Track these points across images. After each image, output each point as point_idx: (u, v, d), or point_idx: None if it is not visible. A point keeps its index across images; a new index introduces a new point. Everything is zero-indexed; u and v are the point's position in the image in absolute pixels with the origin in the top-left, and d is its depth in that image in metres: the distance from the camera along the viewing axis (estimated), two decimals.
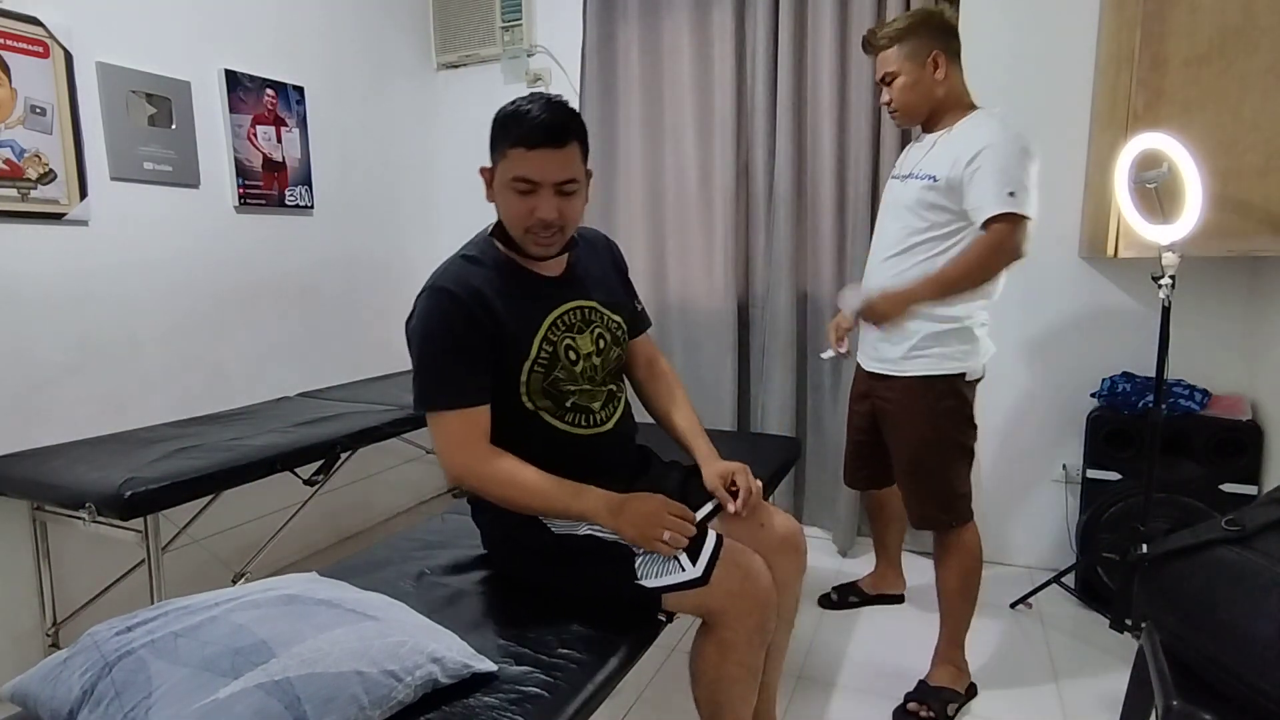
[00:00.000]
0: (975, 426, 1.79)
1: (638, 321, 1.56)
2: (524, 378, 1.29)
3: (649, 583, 1.22)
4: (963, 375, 1.73)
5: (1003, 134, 1.60)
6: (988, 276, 1.63)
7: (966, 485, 1.77)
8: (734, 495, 1.39)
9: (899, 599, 2.32)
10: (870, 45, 1.76)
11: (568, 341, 1.33)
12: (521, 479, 1.25)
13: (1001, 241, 1.57)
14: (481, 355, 1.25)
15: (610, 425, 1.40)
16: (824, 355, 1.91)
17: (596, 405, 1.38)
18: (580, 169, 1.27)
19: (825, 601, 2.33)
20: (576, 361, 1.34)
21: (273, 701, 0.84)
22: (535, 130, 1.20)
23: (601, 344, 1.39)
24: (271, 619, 0.98)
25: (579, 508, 1.24)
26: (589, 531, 1.28)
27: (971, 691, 1.84)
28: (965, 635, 1.84)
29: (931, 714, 1.74)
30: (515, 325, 1.28)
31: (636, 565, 1.24)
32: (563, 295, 1.36)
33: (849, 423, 2.10)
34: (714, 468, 1.44)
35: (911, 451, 1.78)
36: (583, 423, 1.36)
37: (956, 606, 1.81)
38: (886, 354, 1.79)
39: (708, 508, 1.42)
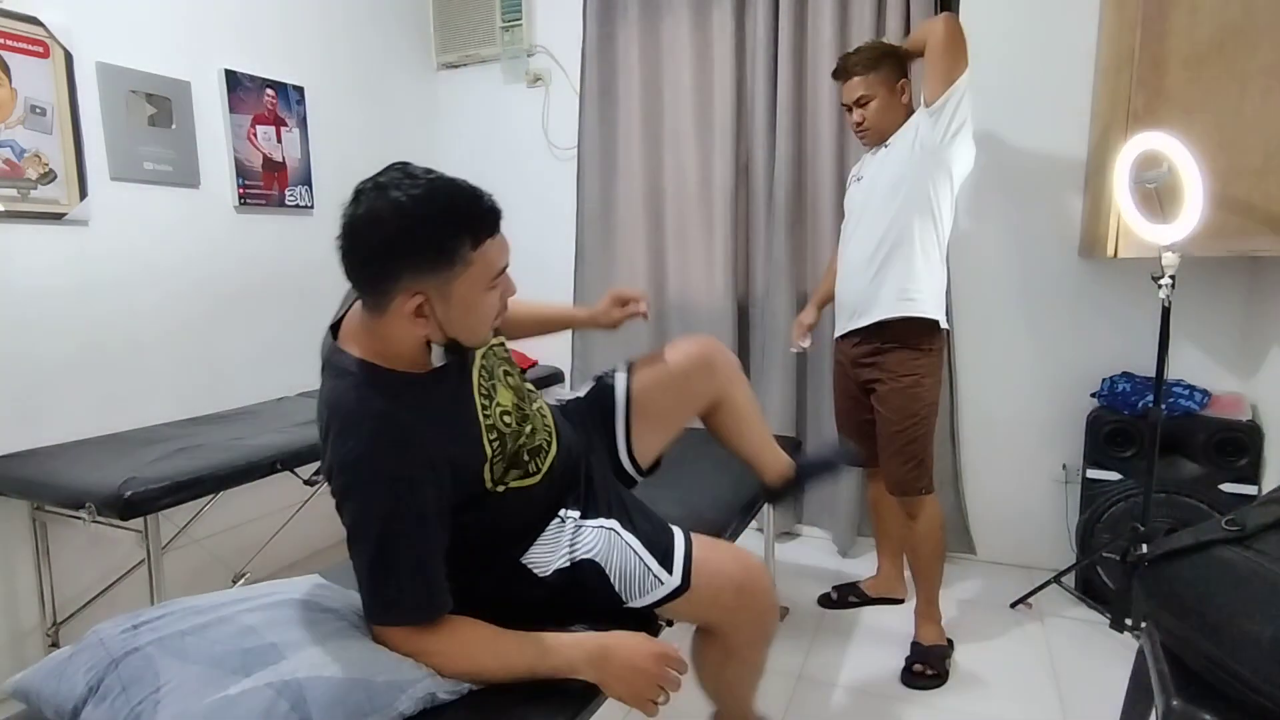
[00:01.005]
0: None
1: None
2: (489, 476, 1.08)
3: (636, 604, 1.16)
4: (937, 322, 1.88)
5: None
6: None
7: (932, 456, 1.96)
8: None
9: (899, 603, 2.31)
10: (845, 72, 1.92)
11: (500, 408, 1.13)
12: (479, 652, 1.02)
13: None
14: (445, 522, 1.02)
15: (554, 439, 1.24)
16: (792, 350, 2.26)
17: (538, 435, 1.20)
18: None
19: (825, 601, 2.33)
20: (511, 420, 1.14)
21: (281, 701, 0.84)
22: (494, 213, 1.00)
23: (510, 378, 1.21)
24: (280, 622, 0.98)
25: (551, 665, 1.02)
26: (559, 566, 1.16)
27: (950, 643, 2.02)
28: (939, 591, 2.02)
29: (934, 671, 1.91)
30: (461, 445, 1.05)
31: (615, 587, 1.15)
32: (464, 373, 1.11)
33: (835, 404, 2.20)
34: (597, 309, 1.47)
35: (900, 419, 1.91)
36: (541, 462, 1.18)
37: (931, 570, 1.99)
38: (871, 308, 1.90)
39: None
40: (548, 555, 1.17)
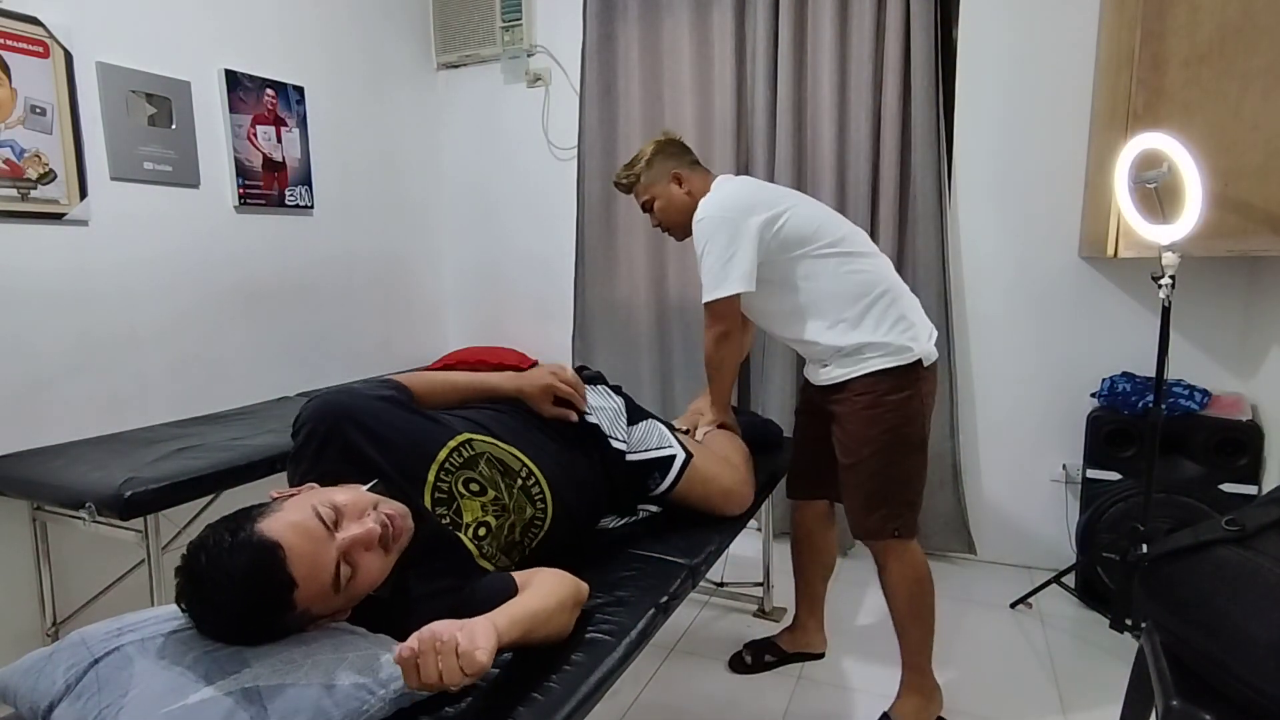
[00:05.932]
0: (926, 420, 1.67)
1: None
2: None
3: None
4: (918, 363, 1.62)
5: (701, 216, 1.69)
6: (718, 361, 1.79)
7: (916, 495, 1.66)
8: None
9: (819, 657, 2.04)
10: (621, 188, 1.89)
11: (469, 526, 1.22)
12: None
13: (708, 328, 1.77)
14: None
15: (549, 498, 1.34)
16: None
17: (527, 510, 1.29)
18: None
19: (738, 664, 2.01)
20: (487, 529, 1.24)
21: (240, 711, 0.83)
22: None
23: (473, 485, 1.25)
24: None
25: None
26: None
27: None
28: (928, 659, 1.72)
29: None
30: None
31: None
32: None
33: (795, 433, 1.96)
34: (526, 383, 1.46)
35: (858, 452, 1.64)
36: (538, 531, 1.33)
37: (908, 629, 1.70)
38: (837, 369, 1.67)
39: None
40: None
